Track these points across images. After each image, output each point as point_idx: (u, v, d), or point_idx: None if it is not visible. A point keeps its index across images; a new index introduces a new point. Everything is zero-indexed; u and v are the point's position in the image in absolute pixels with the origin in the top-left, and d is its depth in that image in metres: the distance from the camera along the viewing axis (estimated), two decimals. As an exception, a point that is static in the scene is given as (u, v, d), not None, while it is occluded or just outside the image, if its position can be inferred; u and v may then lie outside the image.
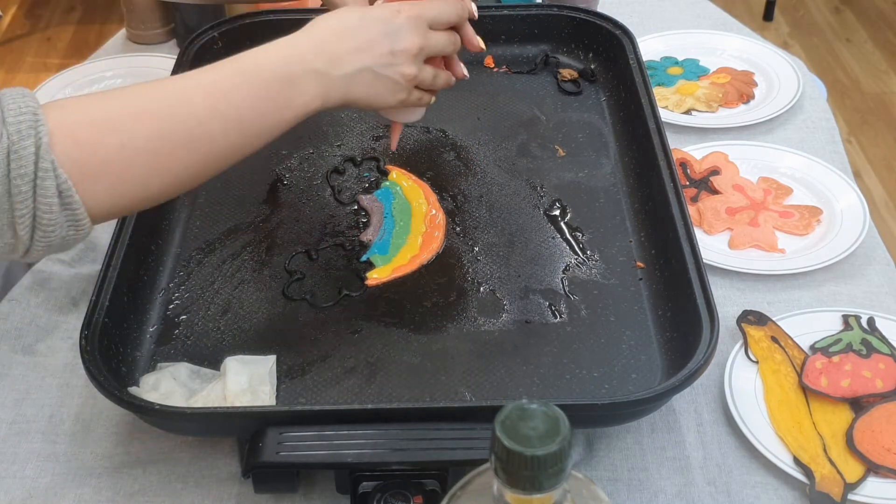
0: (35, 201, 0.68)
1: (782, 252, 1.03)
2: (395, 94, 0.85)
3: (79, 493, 0.82)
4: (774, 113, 1.22)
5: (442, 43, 0.88)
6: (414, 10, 0.85)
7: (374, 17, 0.83)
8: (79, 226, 0.71)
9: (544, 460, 0.48)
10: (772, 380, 0.88)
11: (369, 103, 0.85)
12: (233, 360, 0.84)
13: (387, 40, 0.82)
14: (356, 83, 0.82)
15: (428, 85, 0.88)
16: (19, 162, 0.67)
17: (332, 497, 0.79)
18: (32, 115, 0.68)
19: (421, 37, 0.84)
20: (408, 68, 0.84)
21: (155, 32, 1.39)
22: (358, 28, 0.82)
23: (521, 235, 0.99)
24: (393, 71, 0.83)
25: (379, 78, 0.83)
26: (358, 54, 0.81)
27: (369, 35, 0.82)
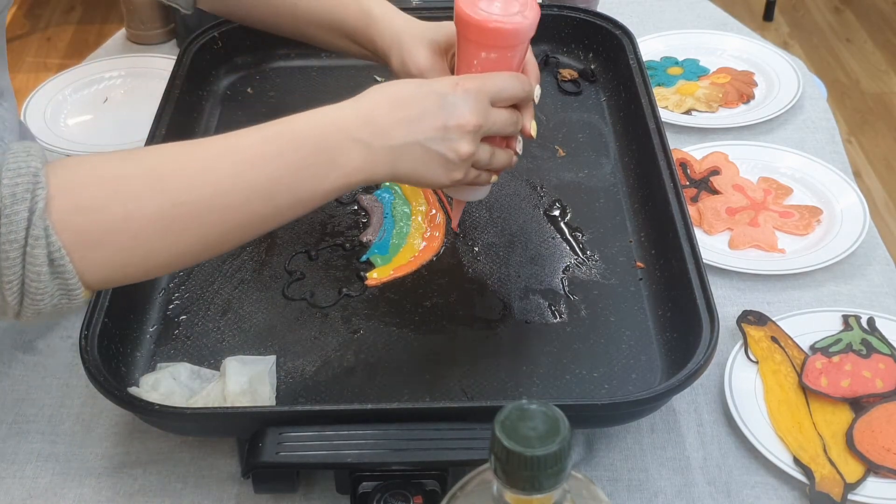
0: (24, 268, 0.64)
1: (782, 252, 1.03)
2: (449, 173, 0.78)
3: (79, 493, 0.82)
4: (774, 113, 1.22)
5: (502, 121, 0.80)
6: (475, 83, 0.78)
7: (432, 89, 0.77)
8: (72, 295, 0.67)
9: (544, 460, 0.48)
10: (772, 380, 0.88)
11: (419, 179, 0.78)
12: (233, 360, 0.84)
13: (441, 113, 0.76)
14: (404, 157, 0.75)
15: (484, 165, 0.82)
16: (10, 227, 0.63)
17: (332, 497, 0.79)
18: (32, 177, 0.64)
19: (479, 113, 0.78)
20: (463, 146, 0.77)
21: (155, 32, 1.39)
22: (412, 99, 0.76)
23: (521, 235, 0.99)
24: (445, 147, 0.76)
25: (429, 153, 0.76)
26: (408, 126, 0.75)
27: (423, 107, 0.76)
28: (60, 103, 1.28)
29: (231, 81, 1.20)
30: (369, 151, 0.74)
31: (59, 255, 0.65)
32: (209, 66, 1.18)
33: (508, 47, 0.80)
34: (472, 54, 0.81)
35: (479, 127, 0.78)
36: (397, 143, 0.75)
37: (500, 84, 0.79)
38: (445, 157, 0.77)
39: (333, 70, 1.20)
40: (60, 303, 0.67)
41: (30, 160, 0.65)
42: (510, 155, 0.85)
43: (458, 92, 0.77)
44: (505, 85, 0.80)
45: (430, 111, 0.76)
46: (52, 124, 1.24)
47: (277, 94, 1.18)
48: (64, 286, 0.66)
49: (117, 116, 1.26)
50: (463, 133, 0.77)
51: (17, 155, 0.65)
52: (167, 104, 1.06)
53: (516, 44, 0.80)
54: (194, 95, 1.13)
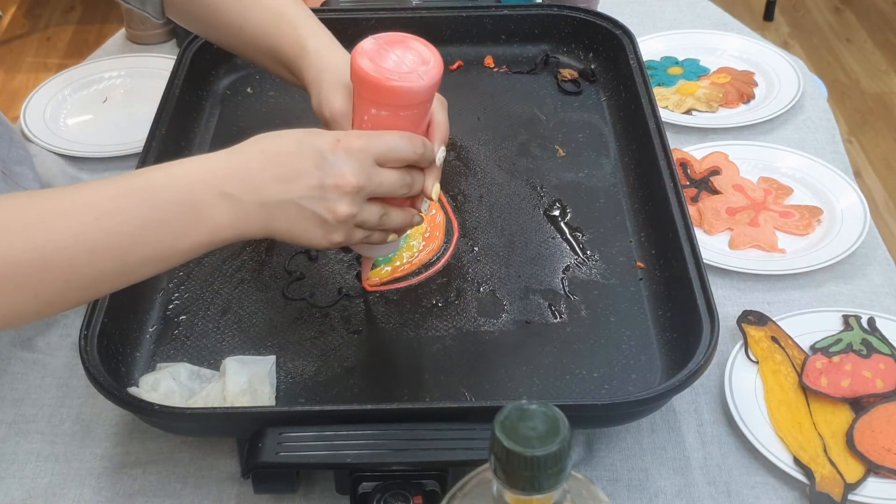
0: None
1: (782, 252, 1.03)
2: (327, 234, 0.74)
3: (78, 493, 0.82)
4: (775, 113, 1.22)
5: (390, 183, 0.75)
6: (359, 141, 0.74)
7: (311, 145, 0.73)
8: None
9: (544, 461, 0.48)
10: (772, 380, 0.88)
11: (295, 239, 0.74)
12: (232, 360, 0.84)
13: (318, 172, 0.72)
14: (278, 215, 0.72)
15: (373, 225, 0.77)
16: None
17: (332, 497, 0.79)
18: None
19: (360, 174, 0.73)
20: (340, 206, 0.73)
21: (155, 32, 1.39)
22: (289, 155, 0.72)
23: (521, 235, 0.99)
24: (321, 207, 0.72)
25: (304, 212, 0.72)
26: (282, 184, 0.71)
27: (300, 165, 0.72)
28: (60, 103, 1.28)
29: (231, 81, 1.20)
30: (240, 208, 0.71)
31: None
32: (209, 66, 1.18)
33: (401, 106, 0.76)
34: (364, 109, 0.77)
35: (360, 188, 0.73)
36: (271, 200, 0.71)
37: (387, 144, 0.75)
38: (322, 217, 0.73)
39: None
40: None
41: None
42: (410, 215, 0.81)
43: (338, 150, 0.73)
44: (393, 145, 0.75)
45: (306, 169, 0.72)
46: (51, 124, 1.24)
47: (277, 94, 1.18)
48: None
49: (117, 116, 1.26)
50: (341, 194, 0.73)
51: None
52: (167, 104, 1.06)
53: (410, 104, 0.76)
54: (194, 95, 1.13)
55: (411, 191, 0.78)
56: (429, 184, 0.80)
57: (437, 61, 0.77)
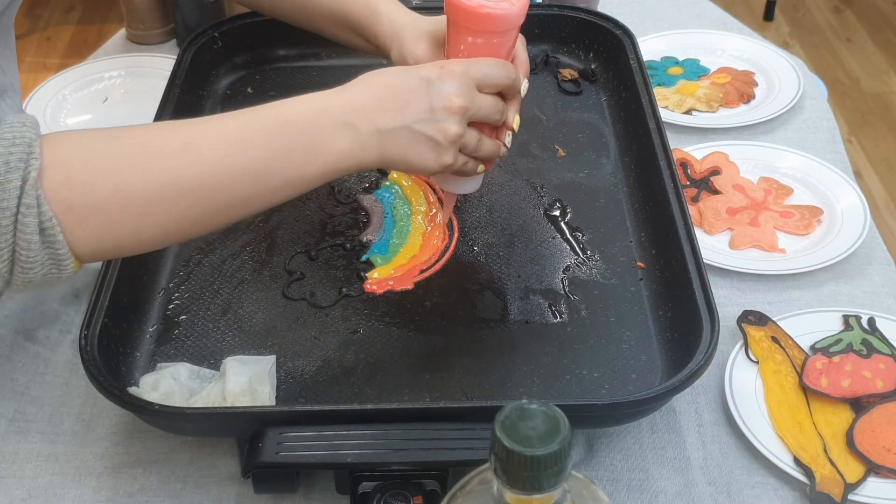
0: (15, 236, 0.65)
1: (783, 252, 1.03)
2: (438, 156, 0.79)
3: (79, 492, 0.82)
4: (775, 113, 1.22)
5: (488, 106, 0.81)
6: (460, 66, 0.80)
7: (417, 74, 0.79)
8: (62, 266, 0.68)
9: (544, 460, 0.48)
10: (772, 380, 0.88)
11: (409, 164, 0.79)
12: (232, 360, 0.84)
13: (426, 97, 0.77)
14: (392, 141, 0.77)
15: (471, 150, 0.82)
16: (2, 195, 0.64)
17: (332, 497, 0.79)
18: (26, 147, 0.65)
19: (465, 96, 0.78)
20: (450, 126, 0.78)
21: (155, 32, 1.39)
22: (398, 85, 0.77)
23: (521, 235, 0.99)
24: (433, 128, 0.77)
25: (416, 136, 0.77)
26: (395, 112, 0.76)
27: (409, 93, 0.77)
28: (60, 103, 1.28)
29: (231, 81, 1.20)
30: (357, 136, 0.75)
31: (50, 225, 0.66)
32: (209, 65, 1.18)
33: (495, 33, 0.82)
34: (460, 39, 0.83)
35: (465, 109, 0.78)
36: (385, 127, 0.76)
37: (485, 69, 0.80)
38: (434, 138, 0.77)
39: (333, 70, 1.20)
40: (50, 273, 0.68)
41: (25, 130, 0.66)
42: (498, 145, 0.85)
43: (443, 75, 0.78)
44: (490, 70, 0.81)
45: (416, 95, 0.77)
46: (51, 124, 1.24)
47: (277, 93, 1.16)
48: (54, 256, 0.67)
49: (117, 116, 1.26)
50: (450, 114, 0.78)
51: (12, 126, 0.66)
52: (167, 104, 1.06)
53: (503, 30, 0.82)
54: (194, 95, 1.13)
55: (502, 117, 0.83)
56: (511, 114, 0.85)
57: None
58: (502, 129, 0.86)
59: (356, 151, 0.75)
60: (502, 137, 0.86)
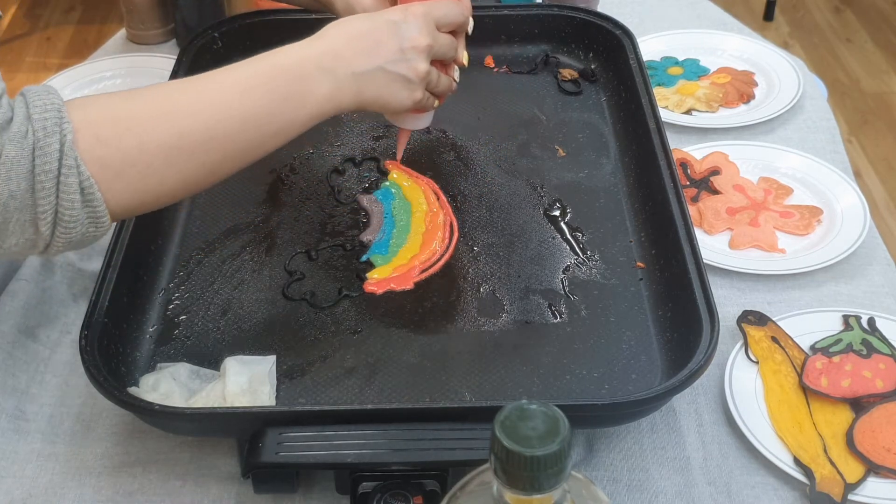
0: (58, 198, 0.69)
1: (782, 252, 1.03)
2: (411, 92, 0.85)
3: (79, 492, 0.82)
4: (775, 113, 1.22)
5: (446, 44, 0.88)
6: (421, 8, 0.86)
7: (383, 19, 0.84)
8: (99, 223, 0.72)
9: (544, 461, 0.48)
10: (772, 380, 0.88)
11: (384, 103, 0.85)
12: (232, 360, 0.84)
13: (395, 39, 0.83)
14: (368, 83, 0.82)
15: (434, 86, 0.89)
16: (44, 158, 0.68)
17: (332, 497, 0.79)
18: (57, 112, 0.69)
19: (429, 35, 0.85)
20: (420, 64, 0.84)
21: (155, 32, 1.39)
22: (368, 30, 0.83)
23: (521, 235, 0.99)
24: (405, 67, 0.83)
25: (390, 75, 0.83)
26: (368, 55, 0.82)
27: (378, 36, 0.83)
28: (60, 103, 1.28)
29: (231, 81, 1.20)
30: (335, 80, 0.80)
31: (89, 184, 0.70)
32: (209, 66, 1.16)
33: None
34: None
35: (430, 47, 0.85)
36: (360, 70, 0.81)
37: (443, 9, 0.88)
38: (406, 77, 0.84)
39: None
40: (88, 231, 0.72)
41: (51, 97, 0.70)
42: (450, 80, 0.92)
43: (408, 17, 0.84)
44: (447, 10, 0.88)
45: (385, 38, 0.83)
46: (52, 124, 1.23)
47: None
48: (93, 214, 0.71)
49: (117, 116, 1.25)
50: (418, 52, 0.84)
51: (38, 94, 0.70)
52: (167, 104, 1.06)
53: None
54: (194, 95, 1.13)
55: (456, 53, 0.91)
56: (461, 51, 0.92)
57: None
58: (451, 66, 0.92)
59: (335, 94, 0.80)
60: (451, 73, 0.93)
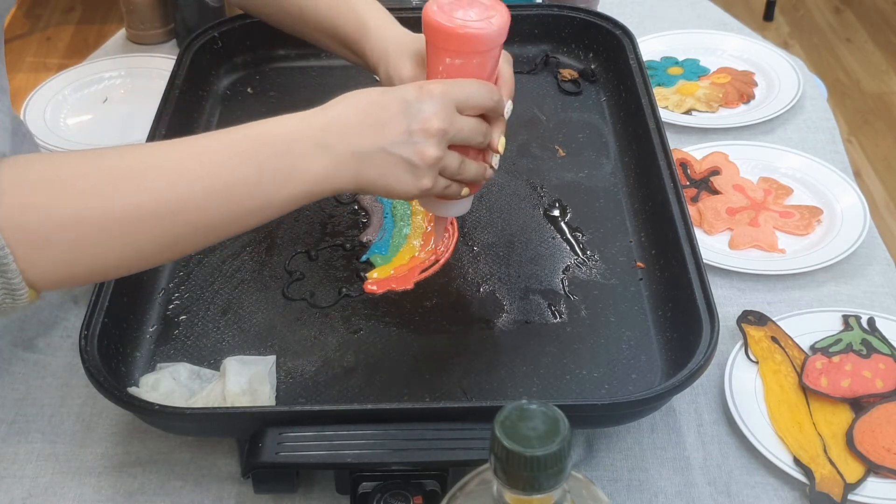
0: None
1: (782, 252, 1.03)
2: (417, 179, 0.76)
3: (79, 492, 0.82)
4: (775, 113, 1.22)
5: (469, 129, 0.78)
6: (439, 87, 0.77)
7: (396, 95, 0.76)
8: (15, 295, 0.65)
9: (544, 461, 0.48)
10: (772, 380, 0.88)
11: (387, 187, 0.76)
12: (232, 360, 0.84)
13: (404, 118, 0.75)
14: (368, 163, 0.74)
15: (453, 173, 0.79)
16: None
17: (332, 497, 0.79)
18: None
19: (444, 118, 0.76)
20: (427, 149, 0.75)
21: (155, 32, 1.39)
22: (376, 105, 0.75)
23: (521, 235, 0.99)
24: (410, 151, 0.75)
25: (393, 158, 0.75)
26: (371, 132, 0.74)
27: (386, 113, 0.75)
28: (60, 103, 1.28)
29: (231, 81, 1.20)
30: (332, 158, 0.73)
31: (3, 254, 0.63)
32: (209, 65, 1.18)
33: (473, 53, 0.79)
34: (438, 60, 0.80)
35: (444, 132, 0.76)
36: (361, 149, 0.74)
37: (466, 90, 0.78)
38: (410, 161, 0.75)
39: (333, 70, 1.20)
40: (4, 302, 0.66)
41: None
42: (483, 167, 0.83)
43: (422, 96, 0.76)
44: (471, 91, 0.78)
45: (393, 116, 0.75)
46: (51, 124, 1.24)
47: (277, 94, 1.18)
48: (6, 286, 0.65)
49: (117, 116, 1.26)
50: (427, 136, 0.75)
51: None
52: (167, 104, 1.06)
53: (481, 50, 0.79)
54: (194, 95, 1.13)
55: (485, 140, 0.81)
56: (496, 136, 0.82)
57: (504, 11, 0.80)
58: (488, 152, 0.83)
59: (331, 174, 0.73)
60: (488, 160, 0.84)
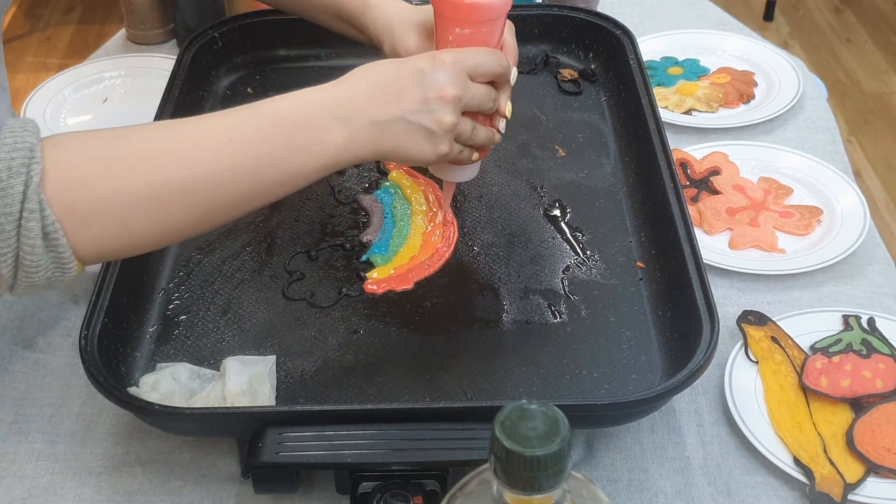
0: (18, 241, 0.65)
1: (782, 252, 1.03)
2: (434, 146, 0.79)
3: (79, 492, 0.82)
4: (775, 113, 1.22)
5: (481, 95, 0.81)
6: (451, 56, 0.80)
7: (410, 66, 0.79)
8: (65, 269, 0.68)
9: (544, 461, 0.48)
10: (772, 380, 0.88)
11: (406, 154, 0.79)
12: (232, 360, 0.84)
13: (419, 88, 0.77)
14: (387, 133, 0.77)
15: (466, 138, 0.82)
16: (5, 200, 0.64)
17: (332, 497, 0.79)
18: (28, 152, 0.65)
19: (458, 84, 0.79)
20: (444, 115, 0.78)
21: (155, 32, 1.39)
22: (391, 77, 0.78)
23: (521, 235, 0.99)
24: (428, 118, 0.77)
25: (412, 126, 0.77)
26: (389, 104, 0.76)
27: (402, 84, 0.77)
28: (60, 103, 1.28)
29: (231, 81, 1.20)
30: (352, 129, 0.75)
31: (54, 229, 0.66)
32: (209, 65, 1.18)
33: (482, 22, 0.82)
34: (448, 30, 0.83)
35: (459, 98, 0.79)
36: (380, 119, 0.76)
37: (476, 58, 0.81)
38: (429, 128, 0.78)
39: (333, 70, 1.18)
40: (54, 276, 0.68)
41: (26, 135, 0.66)
42: (492, 132, 0.85)
43: (435, 65, 0.78)
44: (481, 59, 0.81)
45: (409, 87, 0.77)
46: (51, 124, 1.24)
47: (277, 94, 1.17)
48: (58, 260, 0.67)
49: (117, 116, 1.26)
50: (444, 103, 0.78)
51: (13, 130, 0.66)
52: (167, 104, 1.06)
53: (489, 18, 0.82)
54: (194, 95, 1.13)
55: (494, 105, 0.83)
56: (503, 102, 0.85)
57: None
58: (495, 117, 0.86)
59: (351, 145, 0.76)
60: (496, 124, 0.86)
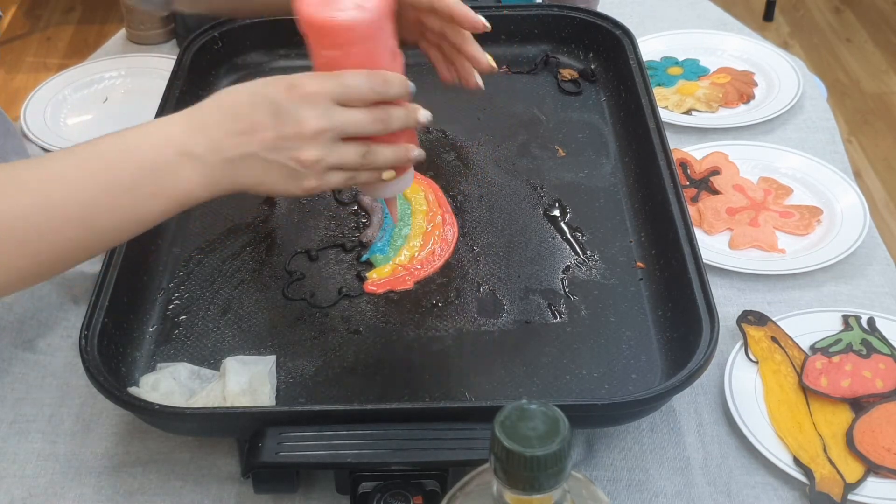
0: None
1: (782, 252, 1.03)
2: (297, 182, 0.72)
3: (79, 492, 0.82)
4: (775, 113, 1.22)
5: (356, 122, 0.73)
6: (314, 84, 0.72)
7: (265, 95, 0.71)
8: None
9: (544, 461, 0.48)
10: (772, 380, 0.88)
11: (270, 191, 0.74)
12: (232, 360, 0.84)
13: (274, 122, 0.70)
14: (243, 170, 0.71)
15: (354, 165, 0.74)
16: None
17: (332, 497, 0.79)
18: None
19: (320, 116, 0.71)
20: (304, 153, 0.71)
21: (155, 32, 1.39)
22: (244, 108, 0.71)
23: (521, 235, 0.99)
24: (283, 156, 0.71)
25: (267, 164, 0.71)
26: (239, 138, 0.70)
27: (255, 117, 0.70)
28: (60, 103, 1.28)
29: (231, 81, 1.20)
30: (202, 166, 0.70)
31: None
32: (209, 66, 1.18)
33: (346, 44, 0.73)
34: (317, 54, 0.75)
35: (322, 131, 0.71)
36: (232, 155, 0.70)
37: (344, 83, 0.72)
38: (287, 166, 0.71)
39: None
40: None
41: None
42: (403, 149, 0.77)
43: (293, 97, 0.71)
44: (350, 83, 0.72)
45: (262, 120, 0.71)
46: (51, 124, 1.24)
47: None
48: None
49: (117, 116, 1.26)
50: (302, 140, 0.71)
51: None
52: (167, 104, 1.06)
53: (354, 40, 0.73)
54: (194, 95, 1.13)
55: (388, 126, 0.74)
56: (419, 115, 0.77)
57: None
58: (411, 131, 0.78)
59: (206, 183, 0.71)
60: (414, 139, 0.79)
